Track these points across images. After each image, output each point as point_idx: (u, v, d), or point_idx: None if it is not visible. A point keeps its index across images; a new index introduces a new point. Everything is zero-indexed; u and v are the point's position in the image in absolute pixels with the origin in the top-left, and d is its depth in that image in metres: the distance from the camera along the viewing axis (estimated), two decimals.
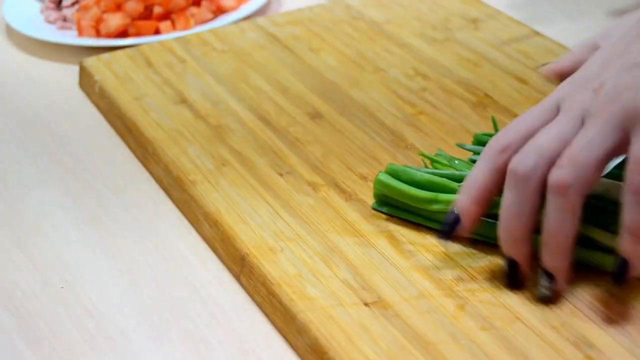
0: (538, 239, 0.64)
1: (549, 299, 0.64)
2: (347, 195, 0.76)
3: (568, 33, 1.02)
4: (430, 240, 0.71)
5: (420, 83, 0.92)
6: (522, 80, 0.91)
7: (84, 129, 0.93)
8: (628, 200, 0.60)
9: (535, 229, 0.64)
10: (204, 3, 1.11)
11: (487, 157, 0.66)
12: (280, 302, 0.67)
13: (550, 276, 0.64)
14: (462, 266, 0.68)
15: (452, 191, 0.71)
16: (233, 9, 1.12)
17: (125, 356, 0.66)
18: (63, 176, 0.86)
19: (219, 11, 1.12)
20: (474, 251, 0.69)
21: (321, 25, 1.04)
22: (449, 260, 0.69)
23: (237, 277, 0.72)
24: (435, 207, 0.71)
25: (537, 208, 0.63)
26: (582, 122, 0.63)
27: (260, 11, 1.13)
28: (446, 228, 0.67)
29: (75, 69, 1.02)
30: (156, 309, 0.70)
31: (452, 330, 0.63)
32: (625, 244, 0.61)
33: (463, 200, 0.66)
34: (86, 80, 0.98)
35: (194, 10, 1.11)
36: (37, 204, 0.82)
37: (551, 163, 0.63)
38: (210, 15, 1.11)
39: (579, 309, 0.64)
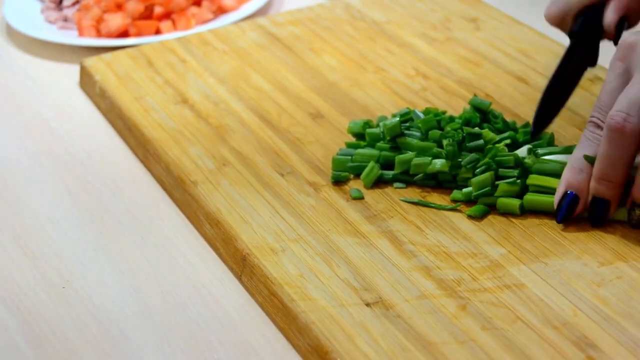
0: None
1: None
2: (348, 196, 0.76)
3: None
4: (432, 241, 0.71)
5: (421, 83, 0.92)
6: (523, 80, 0.91)
7: (84, 129, 0.93)
8: None
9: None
10: (204, 3, 1.11)
11: (589, 135, 0.71)
12: (281, 302, 0.67)
13: None
14: (464, 266, 0.68)
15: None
16: (233, 9, 1.12)
17: (126, 356, 0.66)
18: (63, 176, 0.85)
19: (220, 11, 1.12)
20: (474, 251, 0.69)
21: (322, 25, 1.04)
22: (451, 260, 0.69)
23: (239, 277, 0.72)
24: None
25: (634, 155, 0.69)
26: None
27: (261, 11, 1.13)
28: (566, 210, 0.71)
29: (76, 69, 1.01)
30: (157, 308, 0.70)
31: (453, 330, 0.63)
32: None
33: (579, 180, 0.71)
34: (87, 80, 0.98)
35: (194, 10, 1.11)
36: (37, 204, 0.82)
37: None
38: (210, 15, 1.11)
39: (580, 309, 0.64)
